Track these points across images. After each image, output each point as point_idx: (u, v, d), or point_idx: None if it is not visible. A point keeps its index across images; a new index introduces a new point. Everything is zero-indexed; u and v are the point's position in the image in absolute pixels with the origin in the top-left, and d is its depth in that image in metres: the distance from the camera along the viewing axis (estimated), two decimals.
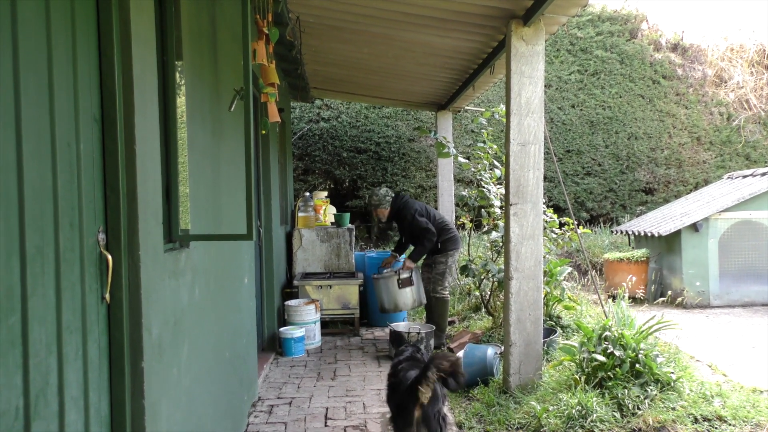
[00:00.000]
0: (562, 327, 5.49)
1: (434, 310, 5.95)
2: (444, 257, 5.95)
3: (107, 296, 1.87)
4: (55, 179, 1.59)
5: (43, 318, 1.51)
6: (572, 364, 4.12)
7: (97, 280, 1.83)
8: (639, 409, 3.58)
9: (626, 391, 3.67)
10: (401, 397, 3.09)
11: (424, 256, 6.07)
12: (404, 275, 5.85)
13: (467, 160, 6.46)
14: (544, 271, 5.20)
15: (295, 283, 6.51)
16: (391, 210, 6.05)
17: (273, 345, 5.86)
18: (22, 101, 1.44)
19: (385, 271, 6.07)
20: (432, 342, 5.51)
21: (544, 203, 4.47)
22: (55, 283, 1.58)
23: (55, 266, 1.58)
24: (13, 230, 1.40)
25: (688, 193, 10.24)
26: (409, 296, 5.90)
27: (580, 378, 3.89)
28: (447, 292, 5.97)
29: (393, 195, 6.10)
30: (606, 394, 3.69)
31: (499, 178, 6.13)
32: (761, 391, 4.10)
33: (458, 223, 7.43)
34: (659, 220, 8.37)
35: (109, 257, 1.87)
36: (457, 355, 5.14)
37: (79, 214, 1.72)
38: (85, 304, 1.75)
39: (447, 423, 3.16)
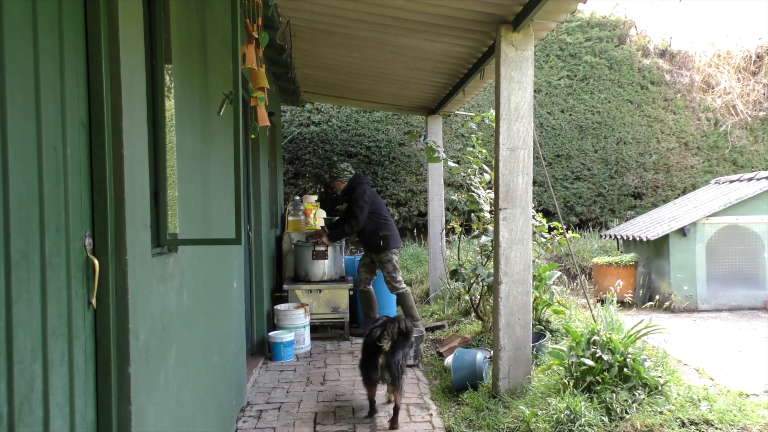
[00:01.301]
0: (551, 331, 5.51)
1: (401, 305, 6.23)
2: (387, 256, 6.23)
3: (94, 301, 1.86)
4: (42, 184, 1.58)
5: (28, 323, 1.50)
6: (561, 368, 4.13)
7: (83, 285, 1.81)
8: (627, 413, 3.59)
9: (614, 395, 3.68)
10: (370, 350, 4.09)
11: (364, 253, 6.44)
12: (319, 248, 6.42)
13: (457, 165, 6.48)
14: (534, 276, 5.23)
15: (285, 287, 6.49)
16: (347, 185, 6.37)
17: (262, 349, 5.83)
18: (8, 105, 1.43)
19: (312, 242, 6.54)
20: (421, 346, 5.52)
21: (533, 208, 4.49)
22: (40, 288, 1.57)
23: (41, 271, 1.57)
24: None
25: (676, 198, 10.33)
26: (320, 268, 6.50)
27: (568, 382, 3.90)
28: (404, 285, 6.28)
29: (352, 172, 6.47)
30: (594, 399, 3.70)
31: (489, 182, 6.15)
32: (748, 395, 4.13)
33: (448, 227, 7.45)
34: (647, 225, 8.43)
35: (96, 262, 1.85)
36: (447, 360, 5.15)
37: (65, 219, 1.71)
38: (71, 309, 1.73)
39: (403, 370, 4.10)
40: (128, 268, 1.96)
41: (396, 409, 4.00)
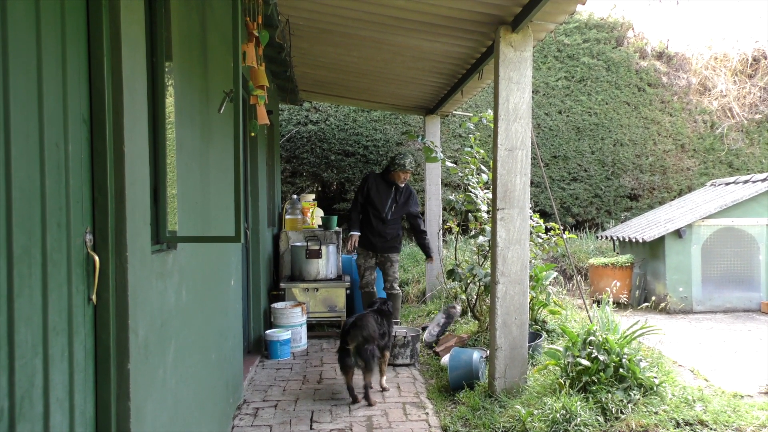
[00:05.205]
0: (547, 331, 5.52)
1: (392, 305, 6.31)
2: (397, 256, 6.50)
3: (94, 297, 1.87)
4: (43, 180, 1.59)
5: (29, 319, 1.50)
6: (557, 368, 4.15)
7: (83, 281, 1.82)
8: (622, 413, 3.61)
9: (610, 395, 3.70)
10: (343, 339, 4.50)
11: (371, 255, 6.44)
12: (312, 247, 6.53)
13: (455, 165, 6.49)
14: (530, 276, 5.24)
15: (282, 285, 6.49)
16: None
17: (259, 347, 5.84)
18: (11, 102, 1.44)
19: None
20: (417, 345, 5.53)
21: (530, 208, 4.50)
22: (41, 284, 1.57)
23: (42, 267, 1.58)
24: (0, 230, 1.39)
25: (672, 200, 10.36)
26: (313, 267, 6.56)
27: (564, 382, 3.92)
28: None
29: None
30: (590, 398, 3.72)
31: (486, 182, 6.16)
32: (742, 396, 4.16)
33: (445, 227, 7.46)
34: (644, 226, 8.46)
35: (97, 258, 1.86)
36: (443, 360, 5.16)
37: (66, 215, 1.72)
38: (72, 305, 1.74)
39: (375, 356, 4.49)
40: (128, 264, 1.97)
41: (365, 387, 4.46)
